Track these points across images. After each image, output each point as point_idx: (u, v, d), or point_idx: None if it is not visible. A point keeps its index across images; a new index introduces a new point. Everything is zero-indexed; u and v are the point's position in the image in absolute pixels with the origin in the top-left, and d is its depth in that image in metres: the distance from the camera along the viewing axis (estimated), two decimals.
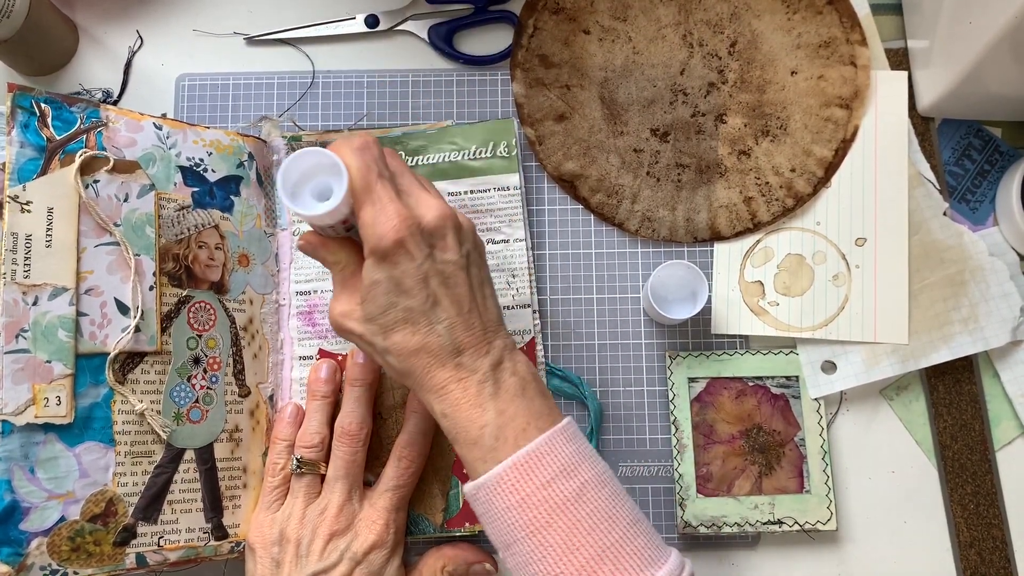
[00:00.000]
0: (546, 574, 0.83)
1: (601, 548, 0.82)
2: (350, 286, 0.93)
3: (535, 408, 0.88)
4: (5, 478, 0.89)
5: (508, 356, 0.91)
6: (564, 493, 0.83)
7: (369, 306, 0.89)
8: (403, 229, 0.85)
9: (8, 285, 0.91)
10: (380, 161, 0.89)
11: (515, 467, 0.85)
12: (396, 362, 0.90)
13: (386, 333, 0.89)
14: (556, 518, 0.83)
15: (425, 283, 0.87)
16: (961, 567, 1.12)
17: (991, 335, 1.13)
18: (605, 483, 0.86)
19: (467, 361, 0.88)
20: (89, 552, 0.93)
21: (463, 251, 0.90)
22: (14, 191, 0.92)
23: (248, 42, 1.21)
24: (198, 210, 1.05)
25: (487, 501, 0.87)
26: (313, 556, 0.99)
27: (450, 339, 0.88)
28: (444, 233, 0.88)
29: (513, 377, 0.89)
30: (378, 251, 0.86)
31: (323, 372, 1.08)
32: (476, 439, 0.87)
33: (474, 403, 0.87)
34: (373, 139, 0.90)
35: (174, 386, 1.01)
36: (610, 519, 0.84)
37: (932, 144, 1.18)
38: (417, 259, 0.86)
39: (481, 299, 0.91)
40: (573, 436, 0.88)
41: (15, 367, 0.90)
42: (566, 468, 0.85)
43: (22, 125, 0.94)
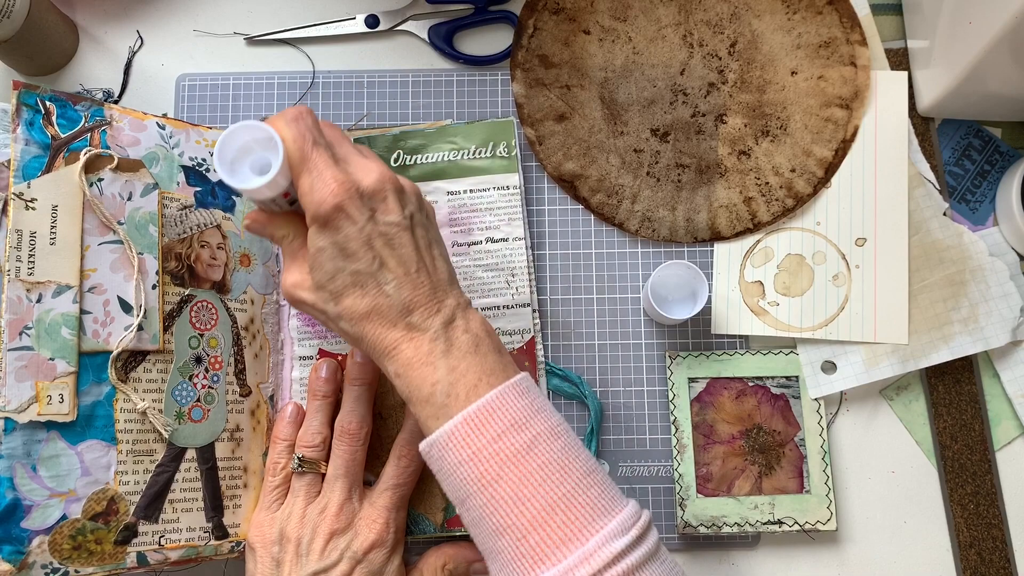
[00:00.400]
0: (498, 526, 0.83)
1: (552, 499, 0.82)
2: (299, 257, 0.93)
3: (488, 364, 0.88)
4: (7, 476, 0.89)
5: (461, 314, 0.91)
6: (514, 445, 0.84)
7: (317, 273, 0.89)
8: (341, 193, 0.86)
9: (12, 282, 0.91)
10: (315, 130, 0.89)
11: (465, 422, 0.85)
12: (349, 327, 0.90)
13: (336, 299, 0.89)
14: (506, 470, 0.83)
15: (369, 245, 0.87)
16: (961, 567, 1.12)
17: (991, 335, 1.13)
18: (558, 435, 0.86)
19: (417, 320, 0.88)
20: (90, 551, 0.93)
21: (406, 212, 0.90)
22: (19, 188, 0.92)
23: (248, 42, 1.21)
24: (200, 210, 1.05)
25: (440, 457, 0.87)
26: (313, 555, 0.99)
27: (399, 299, 0.88)
28: (384, 195, 0.89)
29: (466, 335, 0.89)
30: (319, 217, 0.86)
31: (323, 372, 1.08)
32: (428, 397, 0.87)
33: (425, 361, 0.87)
34: (307, 109, 0.90)
35: (176, 385, 1.01)
36: (562, 470, 0.84)
37: (932, 144, 1.18)
38: (359, 222, 0.87)
39: (429, 259, 0.91)
40: (526, 391, 0.88)
41: (18, 364, 0.90)
42: (517, 421, 0.85)
43: (27, 123, 0.94)
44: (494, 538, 0.84)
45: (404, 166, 1.14)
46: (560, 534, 0.81)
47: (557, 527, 0.81)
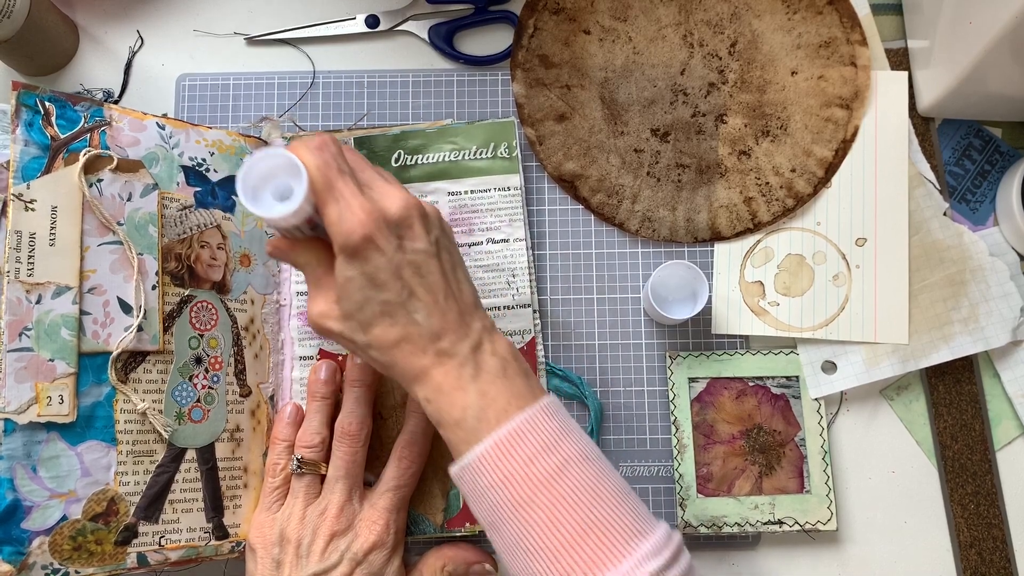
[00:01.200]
0: (530, 549, 0.83)
1: (585, 522, 0.82)
2: (324, 286, 0.92)
3: (516, 387, 0.88)
4: (7, 477, 0.89)
5: (487, 338, 0.91)
6: (546, 469, 0.84)
7: (345, 303, 0.89)
8: (370, 224, 0.85)
9: (12, 283, 0.91)
10: (339, 158, 0.88)
11: (496, 445, 0.85)
12: (378, 355, 0.90)
13: (366, 328, 0.89)
14: (539, 494, 0.83)
15: (398, 275, 0.87)
16: (961, 567, 1.12)
17: (991, 335, 1.13)
18: (589, 459, 0.86)
19: (446, 346, 0.88)
20: (91, 551, 0.93)
21: (432, 238, 0.90)
22: (18, 189, 0.92)
23: (248, 42, 1.21)
24: (200, 210, 1.05)
25: (471, 481, 0.87)
26: (314, 557, 0.99)
27: (428, 327, 0.88)
28: (411, 223, 0.88)
29: (493, 358, 0.89)
30: (348, 248, 0.86)
31: (323, 373, 1.08)
32: (458, 421, 0.87)
33: (455, 386, 0.87)
34: (331, 137, 0.89)
35: (176, 385, 1.01)
36: (594, 493, 0.83)
37: (932, 144, 1.18)
38: (387, 252, 0.86)
39: (455, 284, 0.91)
40: (555, 413, 0.88)
41: (18, 365, 0.90)
42: (548, 444, 0.85)
43: (26, 123, 0.94)
44: (528, 560, 0.84)
45: (405, 166, 1.14)
46: (594, 556, 0.81)
47: (591, 549, 0.81)
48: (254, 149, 1.12)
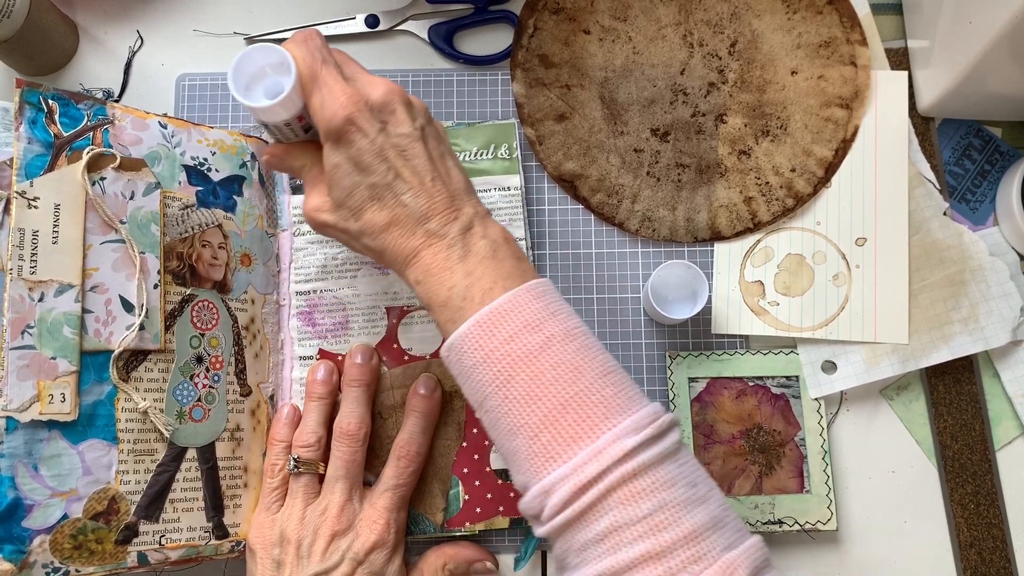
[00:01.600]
0: (512, 426, 0.84)
1: (564, 398, 0.82)
2: (319, 183, 0.95)
3: (504, 269, 0.89)
4: (9, 475, 0.89)
5: (479, 221, 0.91)
6: (527, 346, 0.84)
7: (335, 191, 0.91)
8: (351, 106, 0.87)
9: (15, 281, 0.91)
10: (324, 49, 0.90)
11: (478, 324, 0.85)
12: (371, 241, 0.91)
13: (356, 215, 0.91)
14: (518, 370, 0.84)
15: (383, 157, 0.88)
16: (961, 567, 1.12)
17: (991, 335, 1.13)
18: (574, 337, 0.86)
19: (435, 227, 0.89)
20: (91, 550, 0.93)
21: (416, 124, 0.91)
22: (21, 187, 0.92)
23: (248, 42, 1.21)
24: (202, 209, 1.05)
25: (458, 361, 0.88)
26: (315, 557, 0.99)
27: (416, 208, 0.89)
28: (393, 108, 0.90)
29: (483, 240, 0.90)
30: (331, 133, 0.88)
31: (320, 373, 1.08)
32: (445, 301, 0.88)
33: (443, 266, 0.88)
34: (315, 31, 0.91)
35: (177, 384, 1.01)
36: (575, 370, 0.84)
37: (932, 144, 1.18)
38: (370, 135, 0.88)
39: (444, 169, 0.92)
40: (541, 295, 0.88)
41: (20, 363, 0.90)
42: (530, 323, 0.85)
43: (30, 121, 0.94)
44: (509, 438, 0.85)
45: None
46: (572, 432, 0.81)
47: (568, 425, 0.82)
48: (255, 149, 1.12)
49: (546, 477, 0.81)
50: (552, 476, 0.81)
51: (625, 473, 0.79)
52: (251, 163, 1.11)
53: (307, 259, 1.13)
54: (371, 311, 1.12)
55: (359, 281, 1.12)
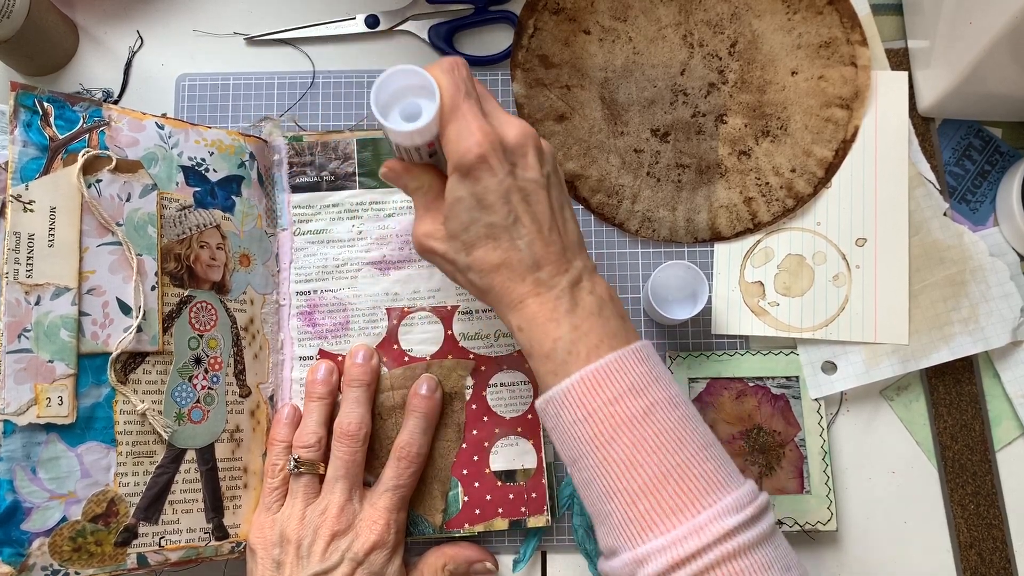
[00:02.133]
0: (608, 489, 0.83)
1: (666, 467, 0.82)
2: (432, 208, 0.94)
3: (610, 327, 0.88)
4: (7, 478, 0.89)
5: (587, 276, 0.91)
6: (631, 410, 0.84)
7: (452, 223, 0.90)
8: (486, 144, 0.86)
9: (11, 285, 0.91)
10: (468, 81, 0.90)
11: (583, 381, 0.85)
12: (477, 278, 0.91)
13: (468, 249, 0.90)
14: (621, 434, 0.83)
15: (507, 199, 0.88)
16: (961, 567, 1.12)
17: (991, 335, 1.13)
18: (676, 405, 0.86)
19: (545, 277, 0.89)
20: (90, 552, 0.93)
21: (544, 171, 0.90)
22: (17, 190, 0.92)
23: (248, 42, 1.21)
24: (200, 210, 1.05)
25: (555, 415, 0.87)
26: (315, 557, 0.99)
27: (530, 255, 0.89)
28: (525, 151, 0.89)
29: (591, 296, 0.90)
30: (462, 167, 0.87)
31: (320, 373, 1.08)
32: (549, 352, 0.87)
33: (549, 317, 0.88)
34: (462, 60, 0.90)
35: (175, 386, 1.01)
36: (678, 440, 0.83)
37: (932, 144, 1.18)
38: (499, 175, 0.87)
39: (561, 220, 0.92)
40: (646, 358, 0.87)
41: (17, 367, 0.90)
42: (635, 387, 0.85)
43: (25, 124, 0.94)
44: (604, 501, 0.84)
45: None
46: (671, 503, 0.81)
47: (669, 496, 0.81)
48: (253, 148, 1.12)
49: (641, 546, 0.81)
50: (648, 546, 0.81)
51: (724, 553, 0.79)
52: (249, 162, 1.11)
53: (307, 259, 1.13)
54: (372, 312, 1.12)
55: (360, 281, 1.12)
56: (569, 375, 0.86)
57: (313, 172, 1.13)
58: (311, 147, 1.13)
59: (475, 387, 1.11)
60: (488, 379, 1.12)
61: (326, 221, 1.13)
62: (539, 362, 0.89)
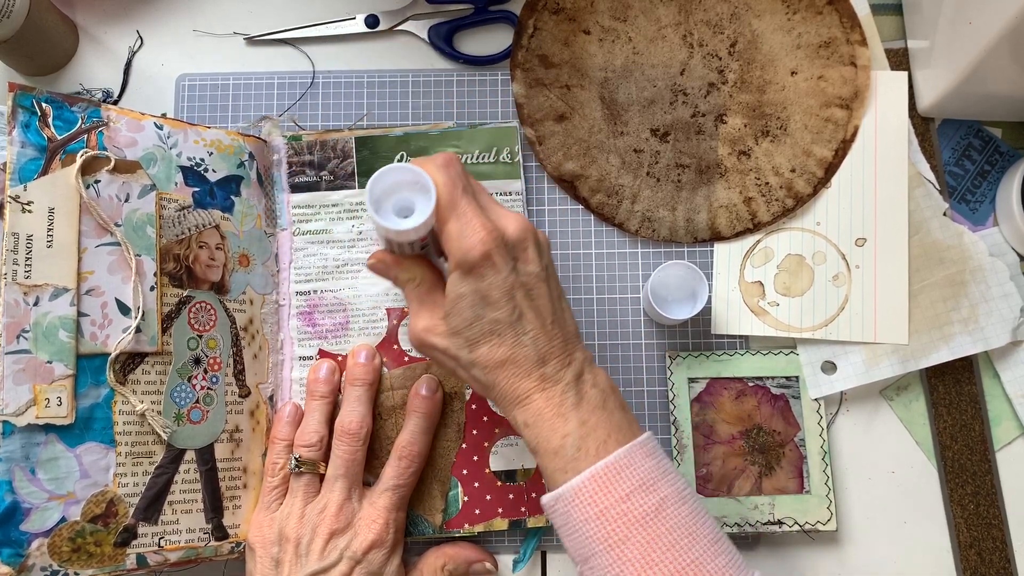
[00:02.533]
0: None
1: (680, 565, 0.81)
2: (428, 302, 0.93)
3: (615, 421, 0.88)
4: (6, 479, 0.89)
5: (588, 368, 0.91)
6: (643, 508, 0.83)
7: (454, 319, 0.89)
8: (490, 242, 0.85)
9: (9, 285, 0.91)
10: (464, 176, 0.89)
11: (594, 478, 0.84)
12: (481, 375, 0.90)
13: (472, 346, 0.89)
14: (635, 532, 0.82)
15: (511, 295, 0.87)
16: (961, 567, 1.12)
17: (991, 335, 1.13)
18: (685, 500, 0.85)
19: (550, 372, 0.88)
20: (90, 553, 0.93)
21: (543, 263, 0.90)
22: (15, 191, 0.93)
23: (248, 42, 1.21)
24: (199, 210, 1.05)
25: (565, 512, 0.86)
26: (313, 555, 0.99)
27: (535, 350, 0.88)
28: (526, 246, 0.89)
29: (594, 389, 0.89)
30: (465, 264, 0.86)
31: (322, 372, 1.08)
32: (557, 449, 0.87)
33: (556, 413, 0.87)
34: (455, 156, 0.90)
35: (175, 386, 1.01)
36: (690, 536, 0.83)
37: (932, 144, 1.18)
38: (503, 272, 0.86)
39: (560, 311, 0.91)
40: (653, 451, 0.87)
41: (16, 368, 0.90)
42: (645, 482, 0.84)
43: (23, 125, 0.94)
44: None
45: None
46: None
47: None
48: (253, 148, 1.12)
49: None
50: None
51: None
52: (249, 162, 1.11)
53: (307, 259, 1.13)
54: (372, 312, 1.12)
55: (360, 281, 1.12)
56: (579, 472, 0.85)
57: (312, 172, 1.13)
58: (310, 147, 1.13)
59: None
60: None
61: (326, 221, 1.13)
62: (547, 459, 0.88)
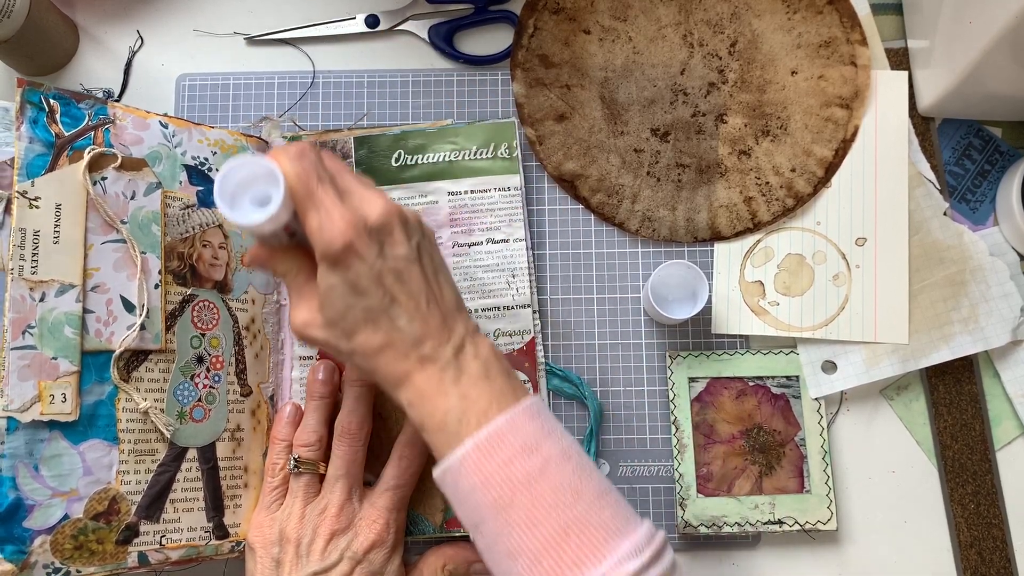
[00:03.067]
0: (510, 549, 0.83)
1: (565, 522, 0.82)
2: (305, 293, 0.92)
3: (497, 389, 0.88)
4: (9, 475, 0.89)
5: (470, 340, 0.91)
6: (525, 470, 0.83)
7: (328, 311, 0.88)
8: (350, 232, 0.85)
9: (16, 281, 0.91)
10: (319, 165, 0.87)
11: (476, 448, 0.84)
12: (362, 362, 0.90)
13: (349, 336, 0.89)
14: (518, 495, 0.83)
15: (380, 282, 0.87)
16: (961, 567, 1.12)
17: (991, 335, 1.13)
18: (569, 458, 0.86)
19: (428, 351, 0.88)
20: (92, 550, 0.93)
21: (412, 244, 0.89)
22: (23, 187, 0.92)
23: (248, 42, 1.21)
24: (203, 209, 1.05)
25: (453, 484, 0.87)
26: (314, 556, 0.99)
27: (411, 332, 0.88)
28: (391, 229, 0.88)
29: (476, 360, 0.89)
30: (329, 256, 0.85)
31: (321, 373, 1.08)
32: (440, 425, 0.87)
33: (437, 390, 0.87)
34: (309, 145, 0.88)
35: (178, 385, 1.01)
36: (574, 493, 0.83)
37: (932, 144, 1.18)
38: (368, 259, 0.86)
39: (437, 289, 0.91)
40: (536, 414, 0.87)
41: (21, 363, 0.90)
42: (527, 445, 0.84)
43: (31, 121, 0.94)
44: (508, 561, 0.84)
45: (405, 166, 1.14)
46: (573, 556, 0.81)
47: (570, 550, 0.81)
48: (254, 148, 1.12)
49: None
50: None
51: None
52: None
53: None
54: None
55: None
56: (462, 443, 0.85)
57: None
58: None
59: None
60: None
61: None
62: (433, 435, 0.88)
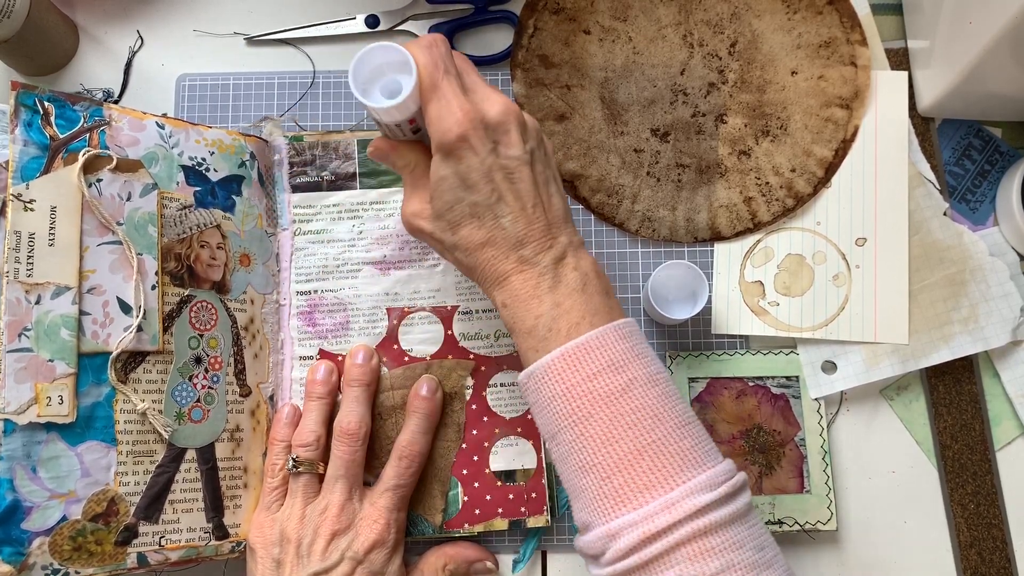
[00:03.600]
0: (584, 464, 0.84)
1: (641, 444, 0.82)
2: (420, 187, 0.94)
3: (592, 304, 0.89)
4: (7, 477, 0.89)
5: (572, 252, 0.91)
6: (609, 387, 0.84)
7: (437, 202, 0.90)
8: (467, 123, 0.86)
9: (11, 284, 0.91)
10: (447, 58, 0.89)
11: (563, 357, 0.85)
12: (464, 256, 0.91)
13: (454, 228, 0.90)
14: (598, 410, 0.83)
15: (489, 177, 0.88)
16: (961, 567, 1.12)
17: (991, 335, 1.13)
18: (656, 383, 0.86)
19: (529, 254, 0.89)
20: (91, 551, 0.93)
21: (527, 147, 0.90)
22: (17, 189, 0.92)
23: (248, 42, 1.21)
24: (200, 209, 1.05)
25: (536, 390, 0.88)
26: (315, 556, 0.99)
27: (514, 232, 0.89)
28: (508, 128, 0.89)
29: (575, 272, 0.90)
30: (443, 146, 0.87)
31: (320, 373, 1.08)
32: (531, 329, 0.88)
33: (532, 294, 0.88)
34: (441, 37, 0.90)
35: (176, 385, 1.01)
36: (655, 417, 0.83)
37: (932, 144, 1.18)
38: (481, 154, 0.87)
39: (546, 196, 0.92)
40: (628, 335, 0.87)
41: (18, 366, 0.90)
42: (614, 363, 0.85)
43: (25, 123, 0.94)
44: (579, 476, 0.85)
45: None
46: (645, 479, 0.81)
47: (643, 472, 0.81)
48: (254, 148, 1.12)
49: (614, 520, 0.81)
50: (620, 520, 0.81)
51: (696, 529, 0.79)
52: (250, 162, 1.11)
53: (308, 259, 1.13)
54: (372, 312, 1.12)
55: (360, 281, 1.12)
56: (549, 351, 0.86)
57: (314, 172, 1.13)
58: (312, 147, 1.13)
59: (475, 387, 1.11)
60: (488, 379, 1.12)
61: (326, 221, 1.13)
62: (521, 338, 0.89)
